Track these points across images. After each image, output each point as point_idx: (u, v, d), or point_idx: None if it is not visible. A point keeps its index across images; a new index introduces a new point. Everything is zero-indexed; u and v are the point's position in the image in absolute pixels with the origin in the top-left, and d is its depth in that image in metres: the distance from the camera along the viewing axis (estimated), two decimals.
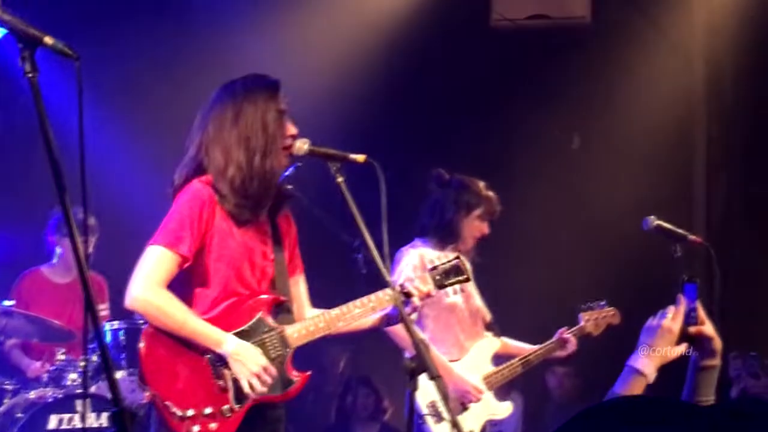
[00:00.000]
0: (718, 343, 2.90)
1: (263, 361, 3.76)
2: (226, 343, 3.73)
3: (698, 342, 2.90)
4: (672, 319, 2.88)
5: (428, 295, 4.07)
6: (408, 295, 3.99)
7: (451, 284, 4.27)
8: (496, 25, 8.77)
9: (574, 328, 5.68)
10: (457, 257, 4.32)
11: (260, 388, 3.75)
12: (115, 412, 2.40)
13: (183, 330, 3.73)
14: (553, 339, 5.66)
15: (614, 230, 8.27)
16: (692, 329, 2.88)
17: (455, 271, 4.25)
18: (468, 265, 4.38)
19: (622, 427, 1.94)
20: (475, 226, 5.55)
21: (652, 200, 8.23)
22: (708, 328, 2.91)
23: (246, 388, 3.74)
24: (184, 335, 3.73)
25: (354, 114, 8.40)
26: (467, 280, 4.31)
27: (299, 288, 4.16)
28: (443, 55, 8.84)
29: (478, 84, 9.07)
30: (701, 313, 2.91)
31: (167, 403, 3.68)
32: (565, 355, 5.74)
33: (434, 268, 4.25)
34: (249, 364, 3.73)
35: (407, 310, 3.95)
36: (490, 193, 5.60)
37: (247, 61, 7.83)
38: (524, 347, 5.67)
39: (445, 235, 5.53)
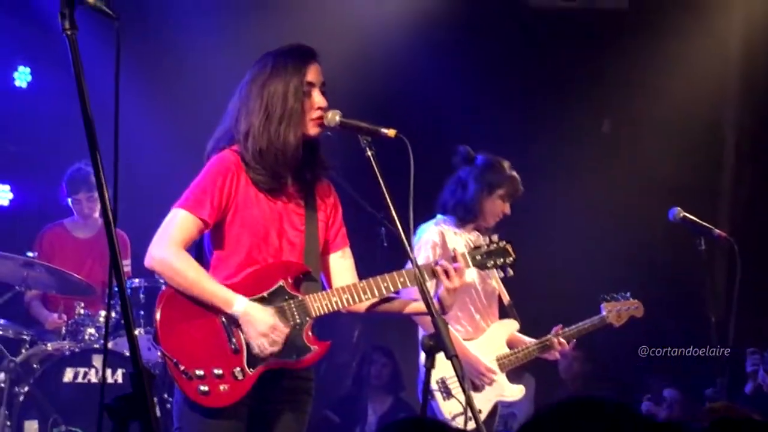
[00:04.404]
0: None
1: (271, 321, 3.76)
2: (236, 303, 3.75)
3: None
4: None
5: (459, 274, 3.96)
6: (447, 274, 3.91)
7: (495, 266, 4.14)
8: (535, 6, 8.75)
9: (595, 318, 5.63)
10: (507, 239, 4.20)
11: (269, 348, 3.75)
12: (133, 373, 2.38)
13: (195, 289, 3.75)
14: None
15: (640, 217, 8.23)
16: None
17: (501, 252, 4.15)
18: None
19: None
20: (496, 205, 5.51)
21: (679, 188, 8.19)
22: None
23: (255, 349, 3.76)
24: (196, 294, 3.75)
25: (384, 90, 8.34)
26: (514, 260, 4.17)
27: (343, 262, 4.10)
28: (480, 34, 8.80)
29: (512, 64, 9.02)
30: None
31: (177, 361, 3.71)
32: (554, 358, 5.68)
33: (477, 247, 4.17)
34: (258, 324, 3.74)
35: (441, 290, 3.89)
36: (514, 173, 5.55)
37: (287, 33, 7.83)
38: (528, 341, 5.58)
39: (465, 213, 5.50)
